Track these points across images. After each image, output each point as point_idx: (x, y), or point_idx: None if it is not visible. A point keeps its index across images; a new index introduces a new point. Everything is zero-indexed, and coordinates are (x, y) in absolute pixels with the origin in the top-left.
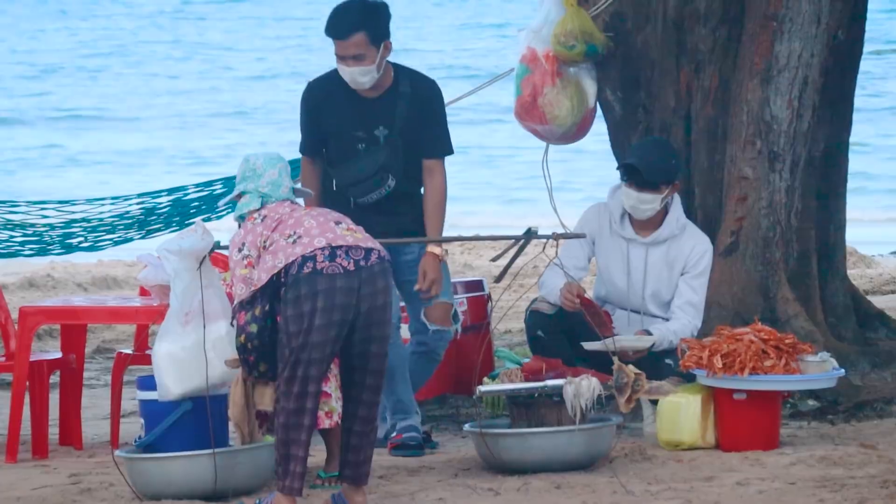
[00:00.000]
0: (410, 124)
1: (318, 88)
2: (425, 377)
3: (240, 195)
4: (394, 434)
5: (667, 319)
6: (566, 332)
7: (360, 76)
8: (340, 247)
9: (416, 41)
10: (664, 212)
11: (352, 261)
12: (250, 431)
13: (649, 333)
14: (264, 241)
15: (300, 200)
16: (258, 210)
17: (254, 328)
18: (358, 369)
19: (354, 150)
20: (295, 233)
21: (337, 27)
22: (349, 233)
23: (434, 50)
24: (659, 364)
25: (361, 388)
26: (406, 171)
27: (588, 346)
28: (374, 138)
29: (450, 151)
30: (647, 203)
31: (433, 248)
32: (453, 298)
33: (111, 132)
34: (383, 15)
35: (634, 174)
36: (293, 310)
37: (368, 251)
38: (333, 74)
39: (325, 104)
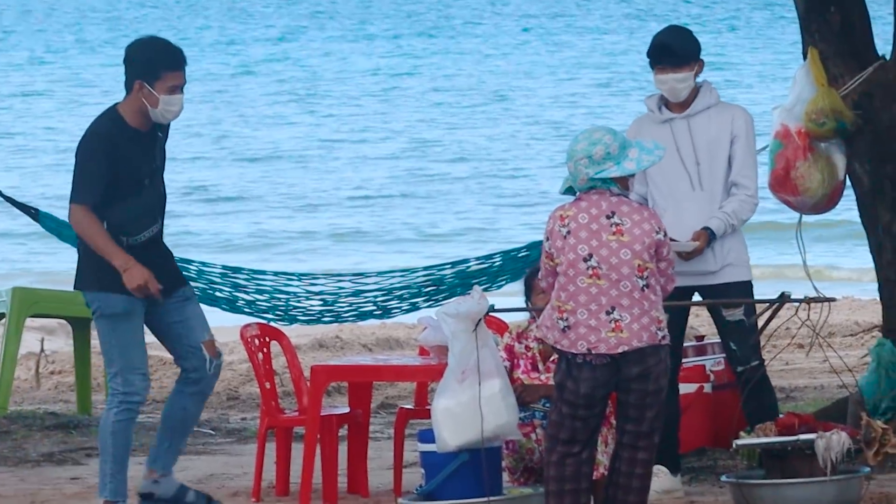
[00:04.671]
0: (164, 153)
1: (107, 135)
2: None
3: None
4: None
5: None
6: None
7: (180, 103)
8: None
9: None
10: (696, 90)
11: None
12: None
13: (709, 229)
14: (556, 259)
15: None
16: (580, 196)
17: None
18: (619, 416)
19: (142, 184)
20: (566, 318)
21: (180, 57)
22: (613, 334)
23: None
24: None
25: (622, 433)
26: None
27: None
28: (155, 171)
29: None
30: (682, 81)
31: None
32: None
33: None
34: None
35: (666, 56)
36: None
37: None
38: (111, 116)
39: (117, 145)
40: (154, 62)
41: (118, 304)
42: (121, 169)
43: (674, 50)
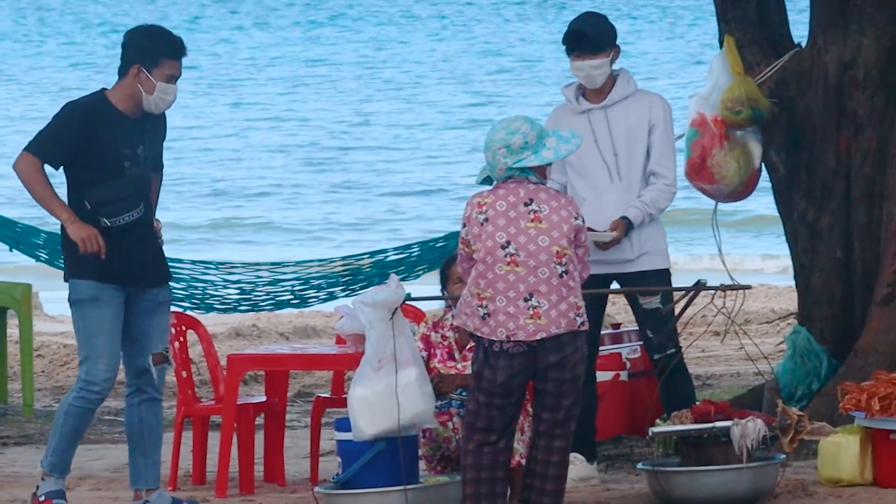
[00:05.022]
0: (153, 144)
1: (89, 109)
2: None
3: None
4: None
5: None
6: None
7: (175, 93)
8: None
9: None
10: (613, 79)
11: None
12: None
13: (626, 218)
14: (472, 246)
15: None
16: (498, 184)
17: None
18: (536, 404)
19: (123, 169)
20: (486, 305)
21: (181, 47)
22: (532, 321)
23: None
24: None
25: (539, 421)
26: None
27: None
28: (138, 158)
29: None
30: (599, 68)
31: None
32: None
33: None
34: None
35: (582, 42)
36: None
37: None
38: (96, 97)
39: (96, 123)
40: (155, 48)
41: (86, 289)
42: (97, 147)
43: (589, 36)
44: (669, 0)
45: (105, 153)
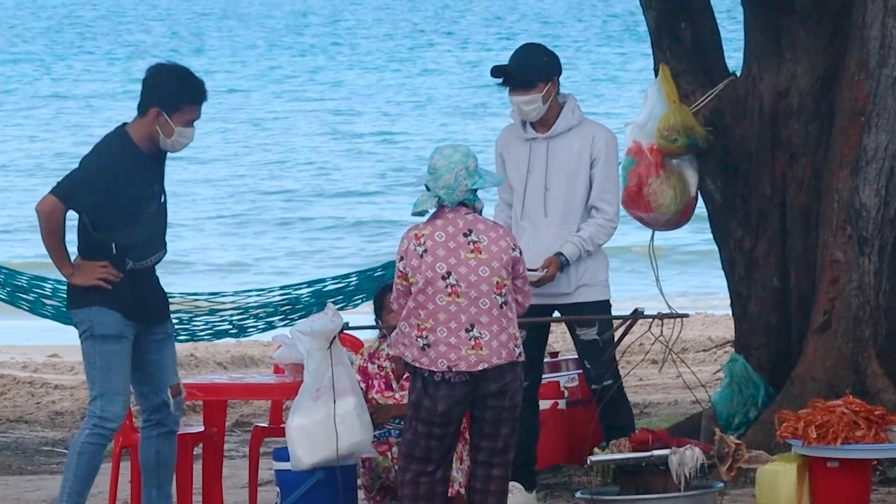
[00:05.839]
0: (164, 178)
1: (118, 158)
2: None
3: (427, 187)
4: None
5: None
6: None
7: (192, 136)
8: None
9: None
10: (559, 109)
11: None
12: None
13: (562, 255)
14: (411, 279)
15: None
16: (434, 215)
17: None
18: (474, 433)
19: (145, 209)
20: (426, 336)
21: (203, 91)
22: (473, 352)
23: None
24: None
25: (477, 450)
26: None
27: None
28: (156, 195)
29: None
30: (529, 104)
31: None
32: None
33: None
34: None
35: (509, 79)
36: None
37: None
38: (121, 138)
39: (124, 168)
40: (178, 94)
41: (112, 325)
42: (124, 193)
43: (511, 74)
44: (589, 31)
45: (130, 198)
